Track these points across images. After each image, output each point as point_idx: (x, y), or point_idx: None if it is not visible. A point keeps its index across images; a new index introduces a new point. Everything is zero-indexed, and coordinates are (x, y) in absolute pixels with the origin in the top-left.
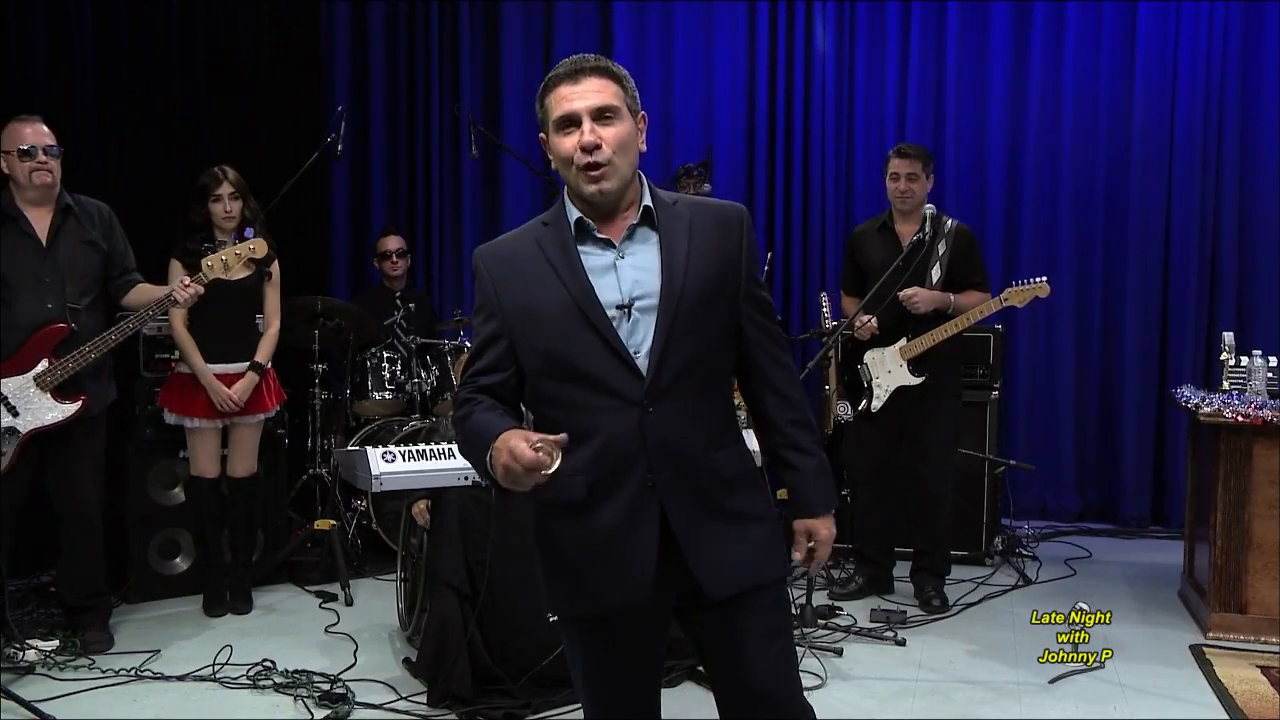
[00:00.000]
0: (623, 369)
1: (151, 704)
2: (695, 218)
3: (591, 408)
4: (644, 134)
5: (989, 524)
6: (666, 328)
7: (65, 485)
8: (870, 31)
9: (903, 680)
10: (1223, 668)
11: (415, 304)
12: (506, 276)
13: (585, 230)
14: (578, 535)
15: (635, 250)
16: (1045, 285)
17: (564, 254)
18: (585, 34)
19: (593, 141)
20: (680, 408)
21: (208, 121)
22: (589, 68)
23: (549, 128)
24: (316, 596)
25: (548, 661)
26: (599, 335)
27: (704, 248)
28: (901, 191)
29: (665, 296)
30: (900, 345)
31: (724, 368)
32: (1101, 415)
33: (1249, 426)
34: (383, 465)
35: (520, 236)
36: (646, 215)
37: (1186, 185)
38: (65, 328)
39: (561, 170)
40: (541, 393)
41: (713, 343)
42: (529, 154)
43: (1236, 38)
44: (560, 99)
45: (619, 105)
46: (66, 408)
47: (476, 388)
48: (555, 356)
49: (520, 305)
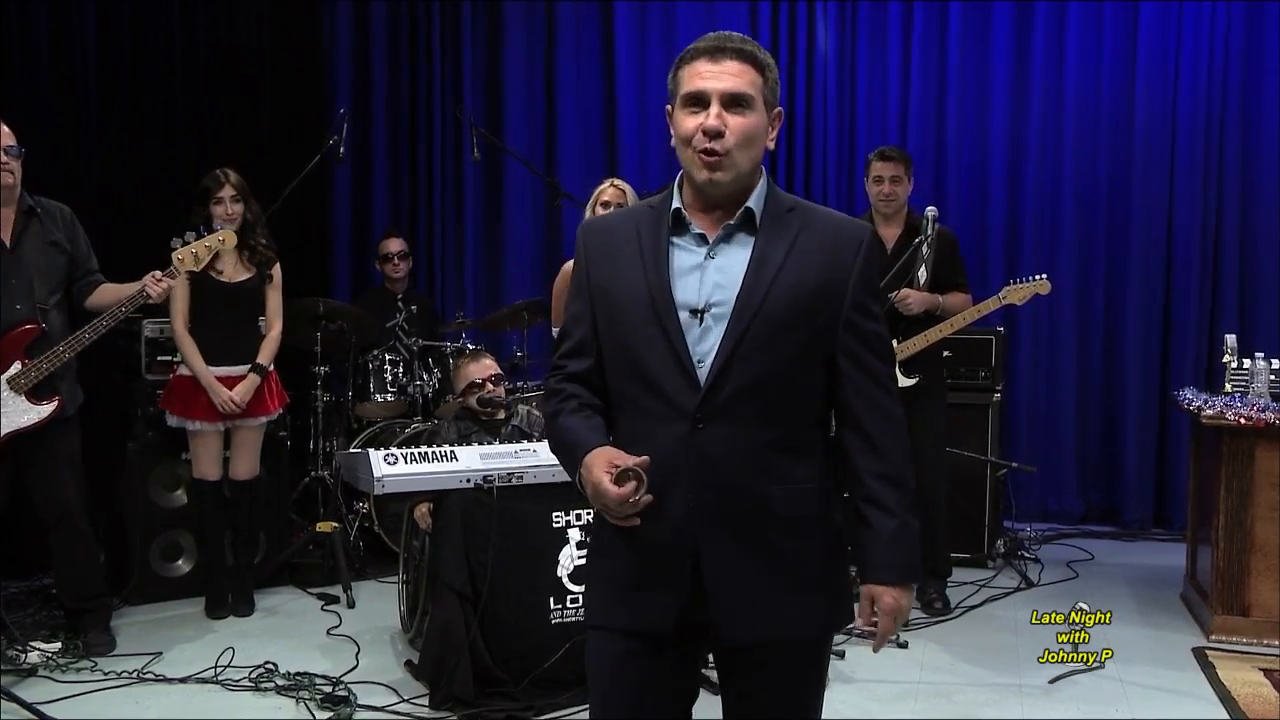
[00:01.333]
0: (681, 376)
1: (153, 706)
2: (805, 229)
3: (645, 410)
4: (776, 130)
5: (991, 526)
6: (734, 340)
7: (47, 490)
8: (872, 32)
9: (905, 682)
10: (1225, 670)
11: (417, 306)
12: (600, 252)
13: (682, 222)
14: (620, 545)
15: (728, 252)
16: (1045, 282)
17: (655, 242)
18: (587, 35)
19: (717, 127)
20: (736, 429)
21: (209, 123)
22: (733, 48)
23: (676, 101)
24: (318, 599)
25: (550, 664)
26: (665, 335)
27: (804, 262)
28: (885, 194)
29: (739, 306)
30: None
31: (804, 395)
32: (1103, 417)
33: (1251, 429)
34: (385, 467)
35: (627, 214)
36: (747, 217)
37: (1188, 186)
38: (36, 328)
39: (678, 148)
40: (607, 385)
41: (790, 365)
42: (530, 156)
43: (1238, 39)
44: (695, 74)
45: (754, 95)
46: (42, 409)
47: (565, 376)
48: (621, 348)
49: (603, 286)
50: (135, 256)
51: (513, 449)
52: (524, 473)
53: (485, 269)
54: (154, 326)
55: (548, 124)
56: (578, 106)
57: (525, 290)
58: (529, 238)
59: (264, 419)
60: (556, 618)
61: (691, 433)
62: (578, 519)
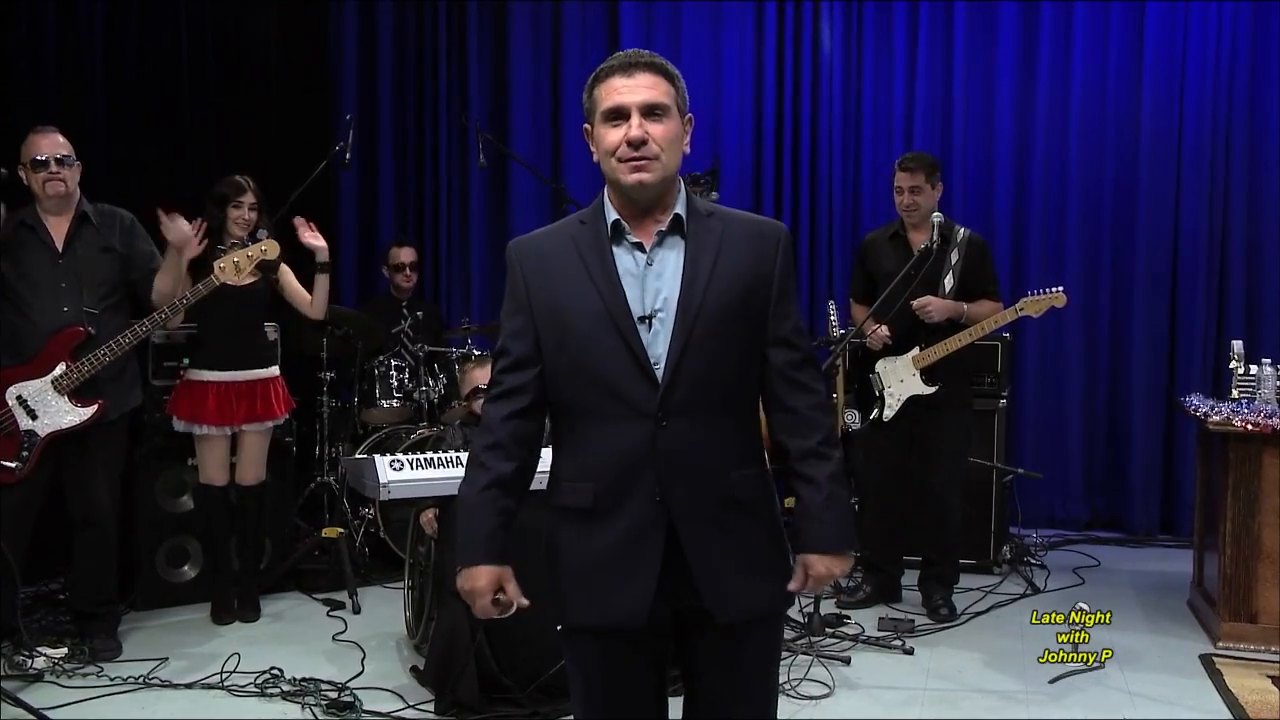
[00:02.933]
0: (641, 378)
1: (159, 712)
2: (728, 230)
3: (606, 415)
4: (689, 135)
5: (997, 532)
6: (682, 339)
7: (82, 492)
8: (877, 35)
9: (911, 689)
10: (1233, 677)
11: (423, 312)
12: (538, 272)
13: (620, 232)
14: (583, 545)
15: (663, 258)
16: (1062, 295)
17: (599, 257)
18: (592, 39)
19: (640, 136)
20: (695, 423)
21: (216, 130)
22: (643, 63)
23: (595, 118)
24: (324, 604)
25: (555, 670)
26: (624, 342)
27: (733, 262)
28: (907, 205)
29: (683, 308)
30: (913, 354)
31: (746, 386)
32: (1110, 423)
33: (1258, 435)
34: (390, 473)
35: (556, 232)
36: (676, 223)
37: (1194, 191)
38: (81, 331)
39: (603, 162)
40: (558, 396)
41: (732, 359)
42: (537, 162)
43: (1245, 42)
44: (611, 90)
45: (669, 104)
46: (83, 411)
47: (504, 392)
48: (577, 360)
49: (549, 304)
50: None
51: None
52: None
53: (491, 275)
54: (160, 332)
55: (553, 130)
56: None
57: None
58: None
59: (270, 424)
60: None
61: (655, 430)
62: None
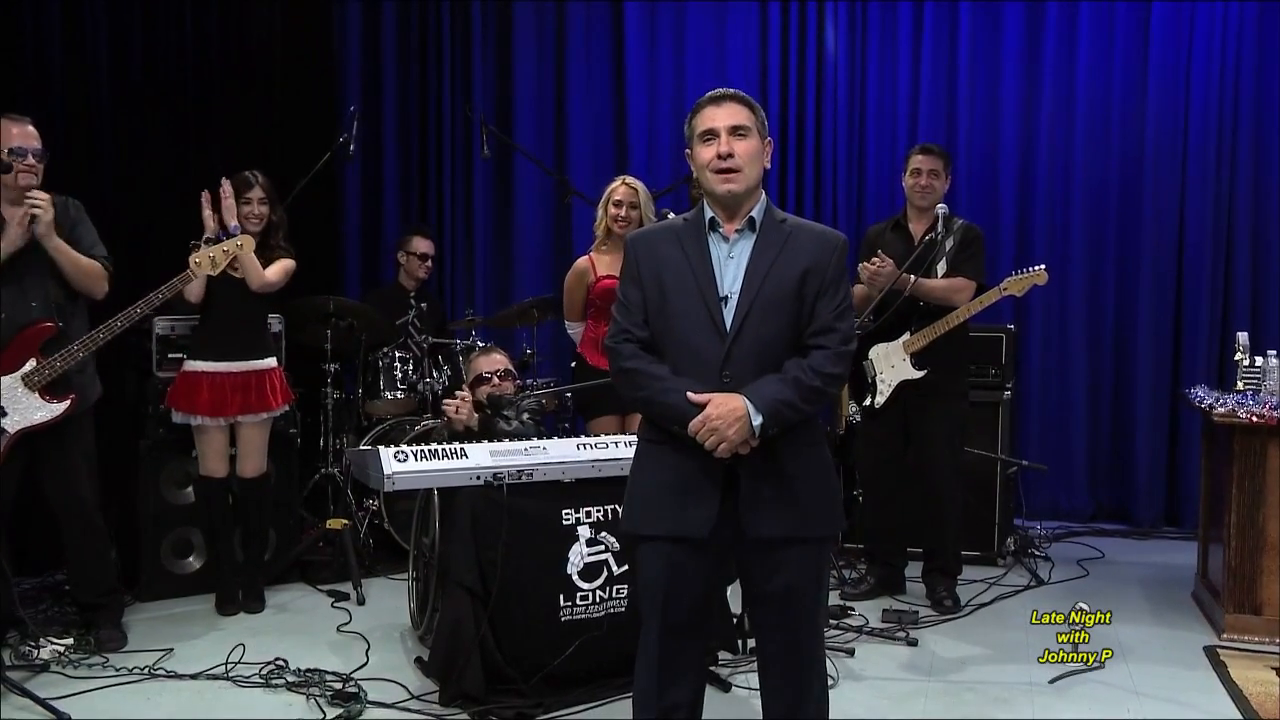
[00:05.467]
0: (717, 342)
1: (165, 702)
2: (794, 234)
3: (686, 369)
4: (769, 154)
5: (1001, 524)
6: (742, 315)
7: (61, 485)
8: (882, 32)
9: (915, 681)
10: (1237, 669)
11: (427, 304)
12: (647, 255)
13: (716, 227)
14: (664, 467)
15: (740, 251)
16: (1043, 273)
17: (697, 244)
18: (597, 35)
19: (728, 150)
20: (751, 379)
21: (221, 121)
22: (729, 96)
23: (694, 141)
24: (328, 596)
25: (559, 661)
26: (708, 312)
27: (792, 259)
28: (923, 187)
29: (744, 291)
30: (904, 339)
31: (797, 352)
32: (1114, 415)
33: (1264, 427)
34: (395, 464)
35: (663, 227)
36: (751, 224)
37: (1200, 184)
38: (52, 326)
39: (700, 174)
40: (658, 349)
41: (785, 331)
42: (541, 154)
43: (1251, 37)
44: (705, 118)
45: (750, 126)
46: (55, 407)
47: (633, 339)
48: (672, 323)
49: (654, 279)
50: (149, 255)
51: (522, 446)
52: (534, 470)
53: (495, 266)
54: (165, 324)
55: (557, 121)
56: (587, 104)
57: (535, 288)
58: (539, 235)
59: (266, 415)
60: (566, 615)
61: (719, 384)
62: (587, 516)
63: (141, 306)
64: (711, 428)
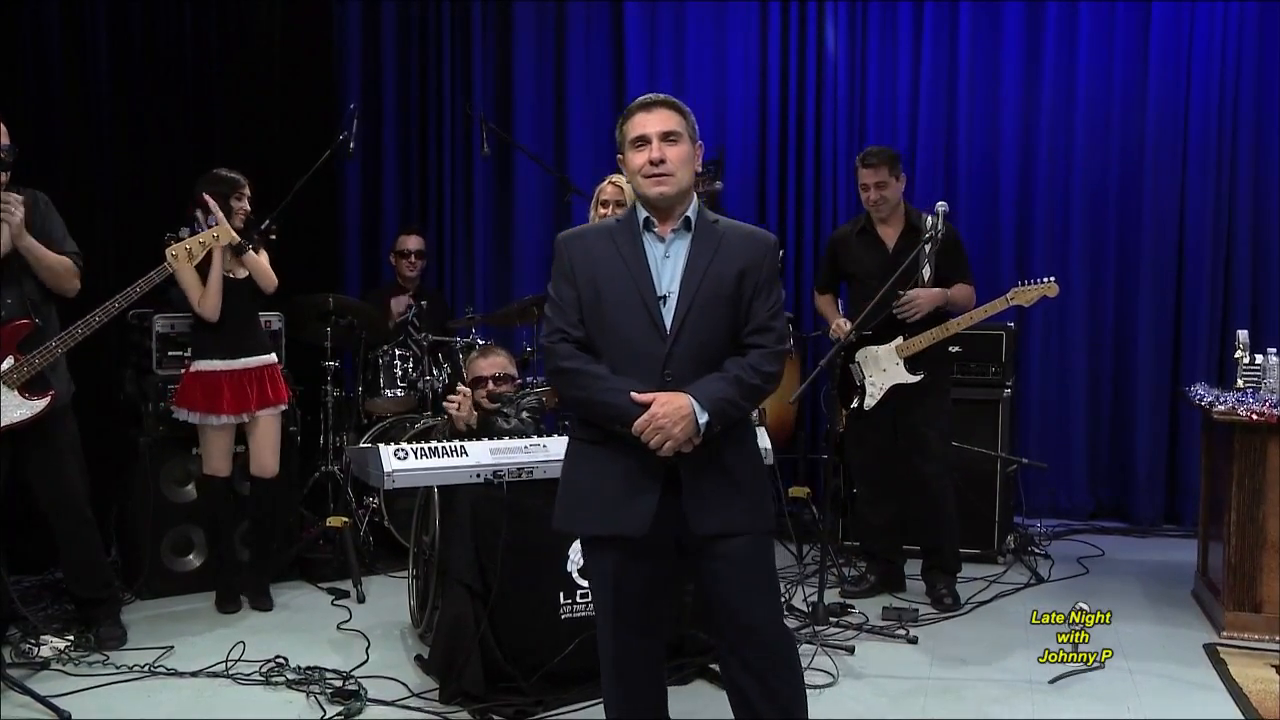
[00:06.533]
0: (658, 339)
1: (165, 700)
2: (727, 235)
3: (625, 369)
4: (699, 159)
5: (1001, 522)
6: (682, 314)
7: (49, 480)
8: (882, 31)
9: (915, 678)
10: (1237, 667)
11: (427, 302)
12: (581, 256)
13: (649, 227)
14: (600, 466)
15: (676, 250)
16: (1054, 285)
17: (632, 245)
18: (597, 33)
19: (659, 156)
20: (692, 377)
21: (220, 119)
22: (659, 101)
23: (625, 147)
24: (328, 593)
25: (559, 659)
26: (647, 311)
27: (726, 258)
28: (874, 201)
29: (683, 290)
30: (896, 343)
31: (734, 350)
32: (1114, 413)
33: (1264, 425)
34: (395, 462)
35: (595, 228)
36: (686, 224)
37: (1200, 182)
38: (29, 324)
39: (632, 179)
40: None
41: (722, 329)
42: (541, 152)
43: (1251, 38)
44: (636, 124)
45: (681, 131)
46: (35, 404)
47: (569, 339)
48: (609, 322)
49: (588, 278)
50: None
51: (522, 444)
52: (534, 468)
53: (495, 264)
54: (165, 321)
55: (557, 120)
56: (587, 102)
57: (535, 286)
58: (539, 233)
59: (278, 408)
60: (566, 613)
61: (661, 383)
62: None
63: (119, 301)
64: (658, 426)
